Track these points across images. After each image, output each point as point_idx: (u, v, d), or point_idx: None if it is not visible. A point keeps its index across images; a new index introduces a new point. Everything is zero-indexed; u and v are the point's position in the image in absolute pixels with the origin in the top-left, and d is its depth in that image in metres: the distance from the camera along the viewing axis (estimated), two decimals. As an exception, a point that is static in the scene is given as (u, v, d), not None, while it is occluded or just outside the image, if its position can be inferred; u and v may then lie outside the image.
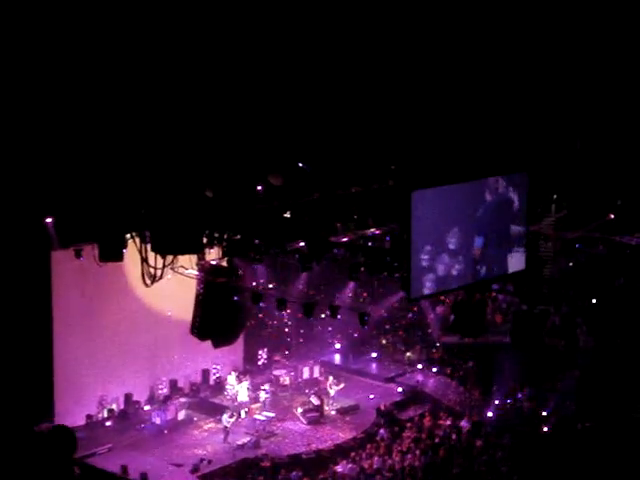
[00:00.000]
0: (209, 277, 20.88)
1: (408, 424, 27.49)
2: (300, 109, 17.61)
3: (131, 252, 20.61)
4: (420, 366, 31.48)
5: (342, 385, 29.70)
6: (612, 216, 22.42)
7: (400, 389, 30.18)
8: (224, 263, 21.51)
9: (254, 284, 26.96)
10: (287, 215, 21.09)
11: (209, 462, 24.72)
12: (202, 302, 20.94)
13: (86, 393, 27.24)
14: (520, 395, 28.15)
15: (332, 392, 29.23)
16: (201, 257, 21.72)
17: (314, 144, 19.16)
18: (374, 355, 32.98)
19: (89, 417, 26.89)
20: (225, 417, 26.43)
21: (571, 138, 20.00)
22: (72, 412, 26.70)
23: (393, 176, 20.91)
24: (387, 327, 33.37)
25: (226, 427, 26.30)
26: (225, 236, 20.44)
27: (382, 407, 28.57)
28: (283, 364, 32.11)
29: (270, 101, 17.09)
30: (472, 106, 18.09)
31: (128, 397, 27.96)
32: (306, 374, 31.17)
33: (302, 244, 21.30)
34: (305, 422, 27.83)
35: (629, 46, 16.49)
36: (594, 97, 18.39)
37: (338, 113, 18.07)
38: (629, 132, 19.49)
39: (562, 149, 20.09)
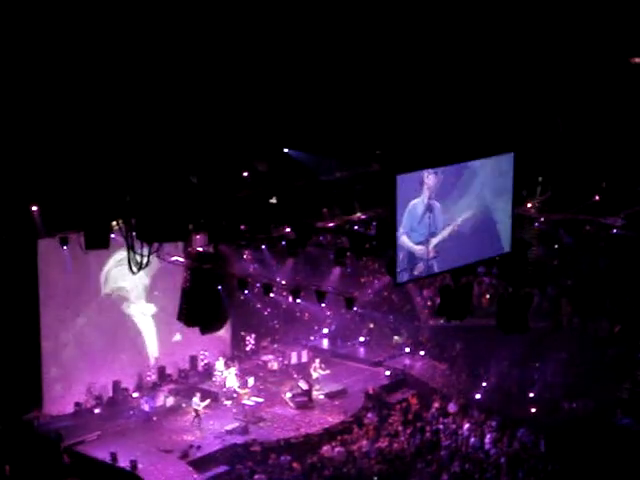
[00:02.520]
0: (195, 264, 20.89)
1: (396, 407, 27.64)
2: (284, 94, 17.59)
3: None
4: (407, 349, 31.62)
5: (327, 371, 29.82)
6: (597, 198, 22.49)
7: (388, 372, 30.31)
8: (210, 250, 21.52)
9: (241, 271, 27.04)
10: (273, 201, 21.08)
11: (198, 448, 24.82)
12: (189, 289, 20.95)
13: (74, 381, 27.28)
14: (507, 377, 28.30)
15: (315, 375, 29.33)
16: (187, 244, 21.74)
17: (299, 129, 19.15)
18: (362, 339, 33.10)
19: (77, 405, 26.93)
20: (195, 400, 26.50)
21: (554, 120, 20.02)
22: (60, 400, 26.75)
23: (378, 160, 20.91)
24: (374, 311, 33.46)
25: (196, 410, 26.35)
26: (211, 222, 20.42)
27: (370, 391, 28.71)
28: (271, 349, 32.23)
29: (254, 86, 17.07)
30: (456, 89, 18.10)
31: (116, 384, 28.01)
32: (294, 359, 31.29)
33: (288, 230, 21.32)
34: (294, 407, 27.95)
35: (611, 28, 16.52)
36: (577, 78, 18.43)
37: (322, 98, 18.06)
38: (613, 113, 19.53)
39: (546, 131, 20.11)
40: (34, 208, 20.99)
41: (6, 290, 23.97)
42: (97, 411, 27.04)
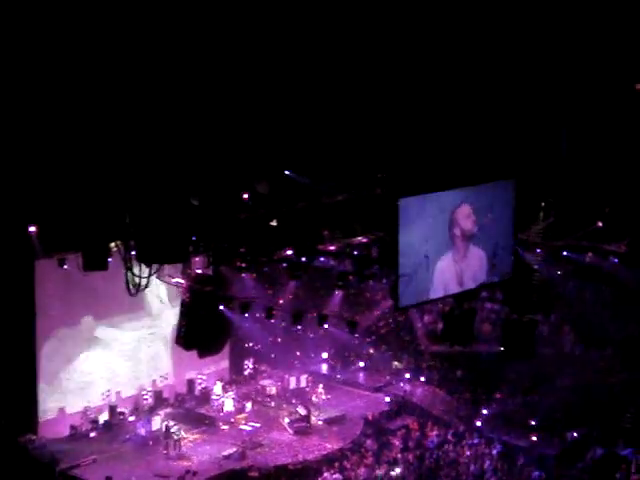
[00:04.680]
0: (195, 286, 20.66)
1: (396, 434, 27.35)
2: (287, 117, 17.48)
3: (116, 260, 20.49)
4: (408, 375, 31.35)
5: (327, 396, 29.60)
6: (600, 224, 22.34)
7: (388, 399, 30.03)
8: (209, 272, 21.33)
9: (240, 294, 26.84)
10: (273, 223, 20.93)
11: (195, 473, 24.47)
12: (188, 311, 20.71)
13: (70, 403, 27.02)
14: (508, 404, 28.06)
15: (315, 400, 29.13)
16: (187, 266, 21.54)
17: (300, 152, 19.03)
18: (361, 364, 32.84)
19: (73, 428, 26.64)
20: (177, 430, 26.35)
21: (558, 145, 19.92)
22: (56, 423, 26.50)
23: (380, 184, 20.80)
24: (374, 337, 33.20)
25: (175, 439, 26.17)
26: (211, 244, 20.26)
27: (369, 417, 28.43)
28: (269, 374, 31.97)
29: (256, 108, 16.95)
30: (459, 114, 18.00)
31: (112, 408, 27.72)
32: (293, 384, 31.02)
33: (289, 252, 21.14)
34: (292, 432, 27.65)
35: (616, 51, 16.42)
36: (581, 104, 18.34)
37: (325, 120, 17.95)
38: (617, 139, 19.42)
39: (549, 156, 20.01)
40: (32, 229, 20.85)
41: (3, 310, 23.77)
42: (93, 435, 26.73)
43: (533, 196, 21.20)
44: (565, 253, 22.37)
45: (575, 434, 25.90)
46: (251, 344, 31.98)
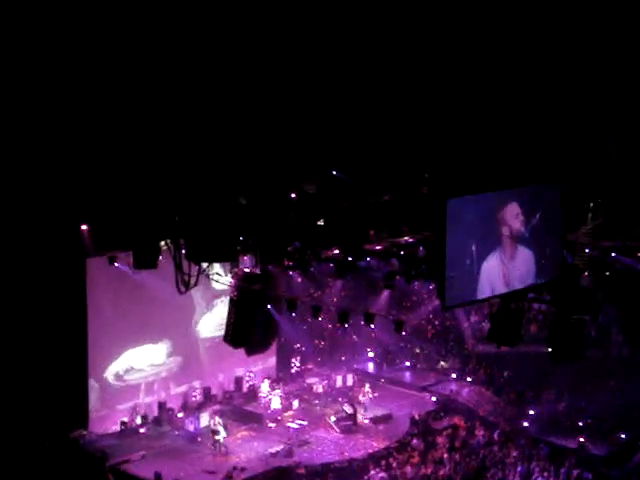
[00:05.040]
0: (243, 284, 20.86)
1: (442, 433, 27.33)
2: (334, 117, 17.58)
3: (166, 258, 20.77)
4: (454, 375, 31.31)
5: (374, 394, 29.65)
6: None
7: (434, 398, 30.01)
8: (257, 270, 21.50)
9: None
10: (320, 223, 21.04)
11: (242, 470, 24.70)
12: (236, 310, 20.92)
13: (120, 399, 27.38)
14: (555, 405, 27.91)
15: (362, 399, 29.21)
16: (235, 264, 21.74)
17: (347, 151, 19.12)
18: (407, 364, 32.87)
19: (123, 424, 27.00)
20: (221, 430, 26.46)
21: (607, 145, 19.79)
22: (106, 419, 26.86)
23: (427, 183, 20.81)
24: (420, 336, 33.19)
25: (217, 439, 26.28)
26: (259, 243, 20.43)
27: (416, 416, 28.44)
28: (316, 372, 32.11)
29: (304, 109, 17.08)
30: (507, 113, 17.97)
31: (162, 404, 28.05)
32: (339, 382, 31.13)
33: (336, 252, 21.24)
34: (338, 431, 27.76)
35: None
36: (629, 102, 18.21)
37: (372, 120, 18.01)
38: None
39: (598, 156, 19.88)
40: (84, 227, 21.17)
41: (55, 308, 24.15)
42: (142, 430, 27.07)
43: (582, 197, 21.08)
44: (614, 254, 22.17)
45: (623, 436, 25.70)
46: (297, 345, 32.14)
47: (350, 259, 21.80)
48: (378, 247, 21.59)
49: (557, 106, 18.14)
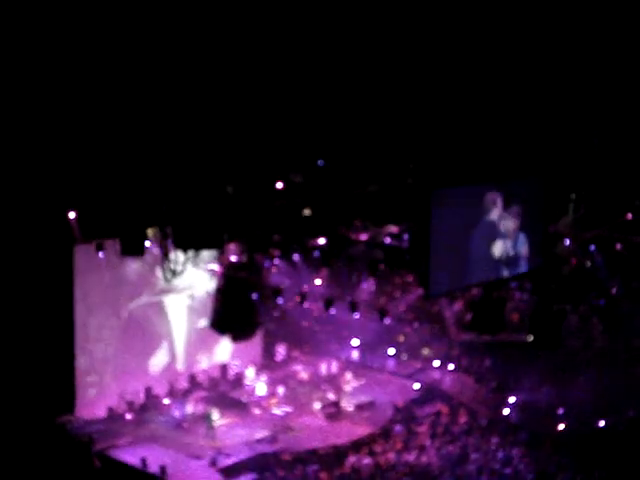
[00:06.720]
0: (229, 272, 21.10)
1: (425, 420, 27.62)
2: (320, 107, 17.78)
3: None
4: (437, 363, 31.59)
5: (359, 382, 29.90)
6: (630, 216, 22.46)
7: (417, 386, 30.30)
8: (243, 259, 21.73)
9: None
10: (307, 212, 21.26)
11: (227, 455, 24.91)
12: (222, 297, 21.15)
13: (107, 386, 27.56)
14: (536, 393, 28.22)
15: (347, 388, 29.45)
16: (221, 253, 21.95)
17: (333, 142, 19.32)
18: (391, 352, 33.11)
19: (110, 409, 27.17)
20: (214, 415, 26.68)
21: (588, 138, 20.06)
22: (93, 404, 27.00)
23: (412, 174, 21.05)
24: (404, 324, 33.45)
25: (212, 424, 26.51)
26: (246, 232, 20.64)
27: (399, 403, 28.72)
28: (301, 359, 32.35)
29: (290, 99, 17.27)
30: (489, 107, 18.22)
31: (148, 390, 28.23)
32: (324, 370, 31.38)
33: (321, 241, 21.47)
34: (322, 417, 28.01)
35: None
36: (611, 96, 18.47)
37: (358, 111, 18.22)
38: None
39: (580, 149, 20.16)
40: (72, 214, 21.31)
41: (42, 295, 24.27)
42: (129, 416, 27.24)
43: (564, 189, 21.36)
44: (594, 245, 22.51)
45: (602, 423, 26.04)
46: (283, 331, 32.39)
47: (335, 248, 22.05)
48: (363, 236, 21.83)
49: (541, 100, 18.39)
